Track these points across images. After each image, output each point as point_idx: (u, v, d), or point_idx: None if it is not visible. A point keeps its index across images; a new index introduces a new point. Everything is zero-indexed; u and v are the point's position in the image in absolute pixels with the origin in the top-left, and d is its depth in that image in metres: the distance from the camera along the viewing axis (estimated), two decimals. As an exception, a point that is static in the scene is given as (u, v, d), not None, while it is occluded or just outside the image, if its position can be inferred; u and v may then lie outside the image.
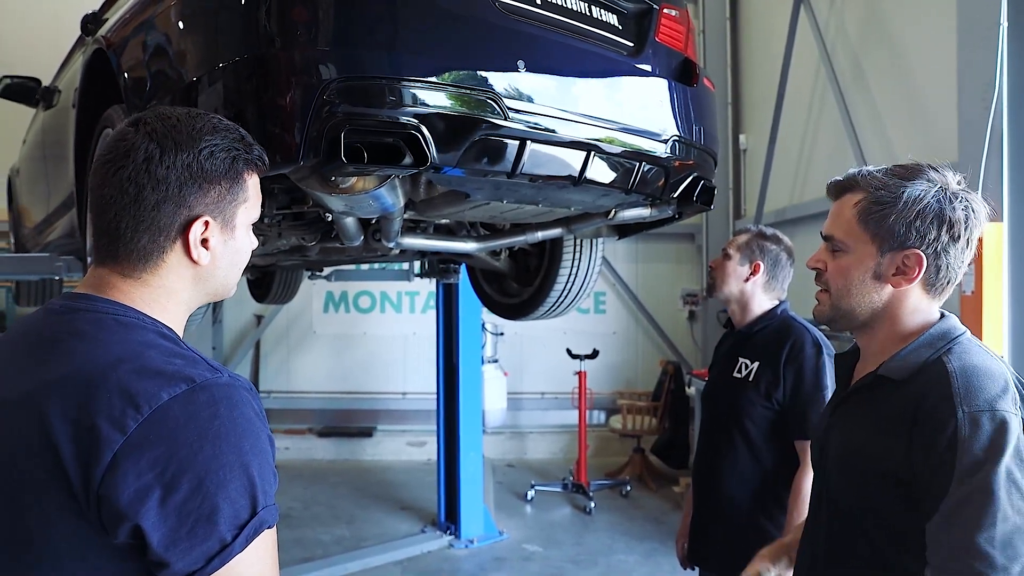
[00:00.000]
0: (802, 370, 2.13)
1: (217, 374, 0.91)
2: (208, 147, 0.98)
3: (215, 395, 0.88)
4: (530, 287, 3.26)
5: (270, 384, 7.57)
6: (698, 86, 2.34)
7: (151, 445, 0.83)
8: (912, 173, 1.28)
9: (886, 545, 1.25)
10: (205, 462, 0.84)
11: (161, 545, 0.82)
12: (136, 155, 0.95)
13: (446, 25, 1.73)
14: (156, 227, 0.96)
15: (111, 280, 0.98)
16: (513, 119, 1.75)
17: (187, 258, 0.99)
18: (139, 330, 0.94)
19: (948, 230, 1.24)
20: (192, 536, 0.83)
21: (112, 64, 2.07)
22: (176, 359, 0.91)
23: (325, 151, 1.57)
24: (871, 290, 1.30)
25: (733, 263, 2.31)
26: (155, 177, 0.95)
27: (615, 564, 4.72)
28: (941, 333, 1.28)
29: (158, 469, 0.83)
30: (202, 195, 0.98)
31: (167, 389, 0.86)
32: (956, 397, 1.15)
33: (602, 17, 2.10)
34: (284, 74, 1.60)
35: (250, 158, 1.03)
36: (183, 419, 0.85)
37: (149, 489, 0.82)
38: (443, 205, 2.19)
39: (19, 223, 4.51)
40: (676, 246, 7.62)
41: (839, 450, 1.36)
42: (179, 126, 0.98)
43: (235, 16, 1.69)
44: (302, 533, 5.28)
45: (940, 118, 4.06)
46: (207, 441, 0.85)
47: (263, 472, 0.89)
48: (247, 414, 0.90)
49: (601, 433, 7.29)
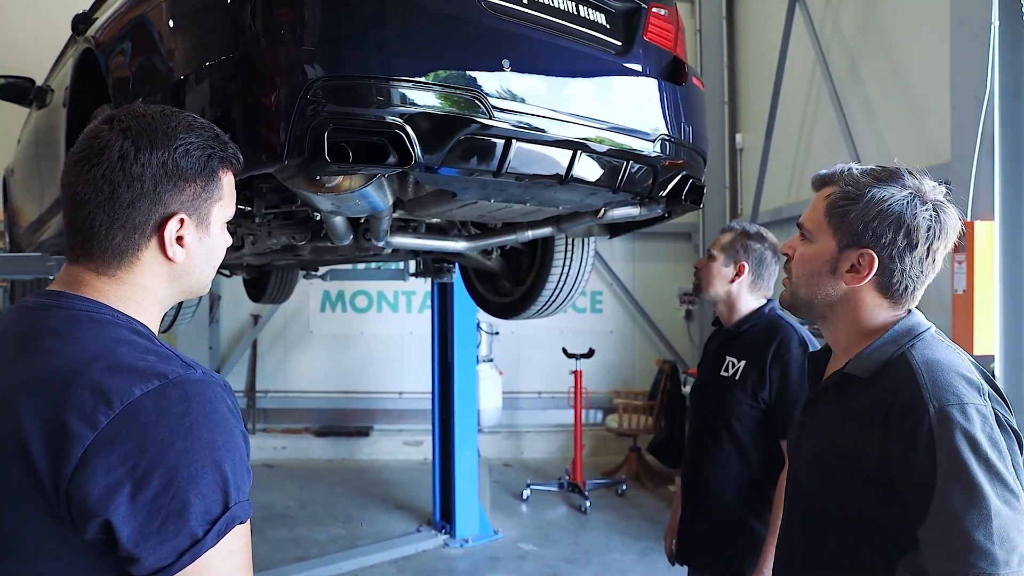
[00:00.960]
0: (788, 370, 2.14)
1: (190, 370, 0.91)
2: (183, 145, 0.98)
3: (188, 391, 0.88)
4: (522, 286, 3.27)
5: (267, 384, 7.58)
6: (687, 85, 2.33)
7: (122, 441, 0.83)
8: (888, 175, 1.29)
9: (859, 541, 1.25)
10: (176, 457, 0.84)
11: (131, 540, 0.82)
12: (111, 153, 0.95)
13: (431, 24, 1.74)
14: (131, 225, 0.96)
15: (85, 277, 0.98)
16: (498, 118, 1.76)
17: (162, 256, 0.99)
18: (113, 327, 0.94)
19: (906, 235, 1.24)
20: (163, 531, 0.83)
21: (100, 64, 2.08)
22: (149, 355, 0.91)
23: (309, 150, 1.57)
24: (826, 283, 1.32)
25: (718, 264, 2.31)
26: (130, 175, 0.95)
27: (610, 563, 4.73)
28: (905, 329, 1.28)
29: (129, 465, 0.83)
30: (177, 193, 0.98)
31: (139, 385, 0.86)
32: (925, 393, 1.16)
33: (590, 16, 2.10)
34: (269, 73, 1.61)
35: (225, 156, 1.03)
36: (155, 415, 0.85)
37: (119, 485, 0.82)
38: (431, 204, 2.19)
39: (14, 223, 4.52)
40: (673, 245, 7.63)
41: (811, 449, 1.37)
42: (154, 124, 0.97)
43: (221, 15, 1.70)
44: (298, 532, 5.28)
45: (934, 117, 4.07)
46: (179, 437, 0.85)
47: (236, 468, 0.89)
48: (220, 410, 0.90)
49: (598, 432, 7.29)
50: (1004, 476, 1.11)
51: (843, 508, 1.27)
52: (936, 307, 4.15)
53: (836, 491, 1.28)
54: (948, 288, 3.36)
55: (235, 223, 2.42)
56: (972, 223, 3.24)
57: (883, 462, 1.19)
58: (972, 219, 3.27)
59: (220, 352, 7.57)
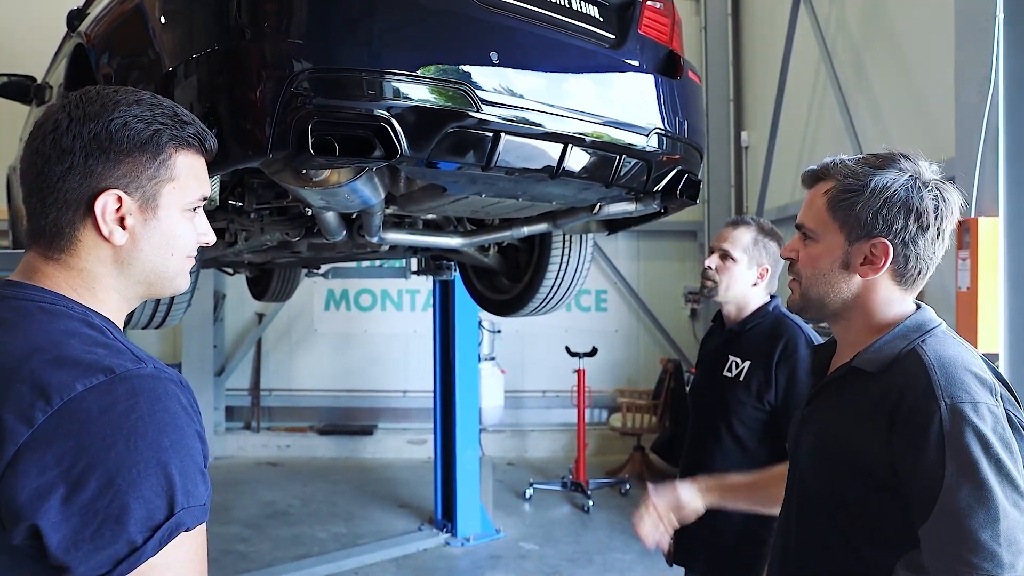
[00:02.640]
0: (795, 371, 2.06)
1: (140, 365, 0.85)
2: (122, 117, 0.92)
3: (135, 387, 0.83)
4: (520, 283, 3.26)
5: (271, 382, 7.59)
6: (683, 79, 2.31)
7: (59, 439, 0.78)
8: (883, 162, 1.26)
9: (858, 537, 1.23)
10: (117, 458, 0.79)
11: (61, 547, 0.77)
12: (46, 127, 0.92)
13: (418, 17, 1.72)
14: (63, 201, 0.91)
15: (37, 264, 0.94)
16: (486, 112, 1.74)
17: (101, 237, 0.93)
18: (63, 319, 0.89)
19: (916, 219, 1.22)
20: (98, 538, 0.77)
21: (92, 60, 2.07)
22: (98, 348, 0.86)
23: (294, 143, 1.56)
24: (840, 279, 1.28)
25: (740, 267, 2.17)
26: (60, 147, 0.90)
27: (611, 562, 4.70)
28: (916, 324, 1.26)
29: (64, 465, 0.78)
30: (111, 167, 0.92)
31: (83, 380, 0.81)
32: (937, 390, 1.13)
33: (582, 9, 2.08)
34: (253, 66, 1.60)
35: (179, 135, 0.96)
36: (96, 412, 0.80)
37: (52, 486, 0.77)
38: (423, 199, 2.18)
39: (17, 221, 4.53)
40: (678, 243, 7.59)
41: (812, 442, 1.34)
42: (96, 98, 0.93)
43: (206, 8, 1.69)
44: (299, 530, 5.28)
45: (938, 112, 4.02)
46: (121, 436, 0.80)
47: (185, 471, 0.83)
48: (171, 408, 0.84)
49: (601, 431, 7.27)
50: (1014, 478, 1.08)
51: (843, 503, 1.25)
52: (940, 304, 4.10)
53: (837, 485, 1.26)
54: (952, 285, 3.32)
55: (228, 219, 2.41)
56: (976, 219, 3.20)
57: (888, 458, 1.17)
58: (976, 215, 3.23)
59: (224, 350, 7.59)
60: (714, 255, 2.22)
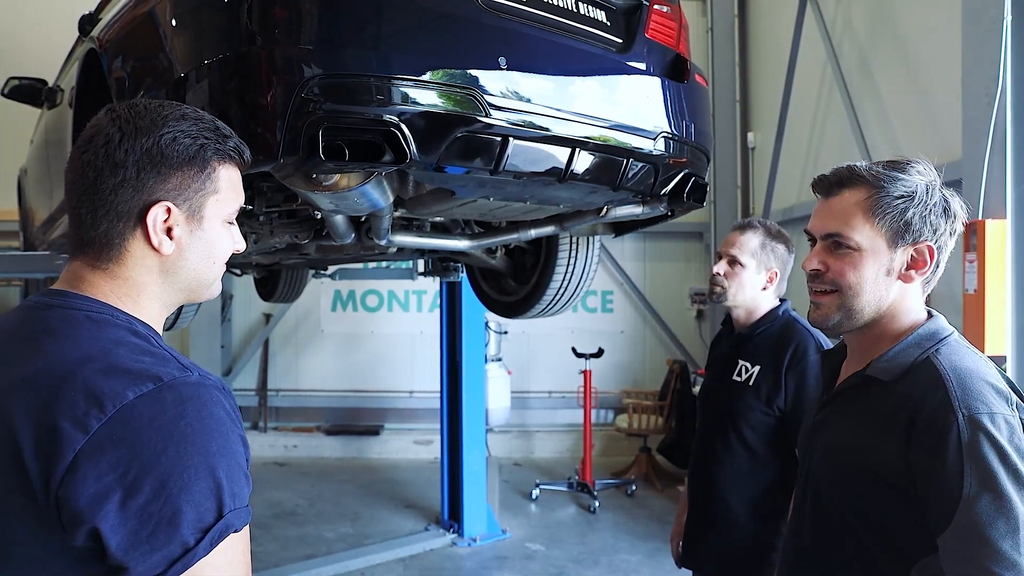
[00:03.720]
0: (805, 377, 2.05)
1: (186, 372, 0.89)
2: (171, 132, 0.96)
3: (183, 394, 0.86)
4: (527, 285, 3.26)
5: (279, 382, 7.62)
6: (690, 82, 2.32)
7: (114, 446, 0.81)
8: (906, 167, 1.26)
9: (872, 544, 1.24)
10: (169, 463, 0.82)
11: (120, 548, 0.80)
12: (98, 139, 0.94)
13: (427, 23, 1.74)
14: (114, 212, 0.94)
15: (82, 273, 0.97)
16: (495, 116, 1.75)
17: (149, 247, 0.97)
18: (111, 327, 0.92)
19: (950, 223, 1.25)
20: (153, 539, 0.80)
21: (104, 65, 2.10)
22: (145, 357, 0.89)
23: (304, 148, 1.58)
24: (882, 287, 1.27)
25: (749, 272, 2.16)
26: (113, 160, 0.93)
27: (617, 563, 4.71)
28: (929, 333, 1.26)
29: (120, 470, 0.81)
30: (162, 180, 0.95)
31: (133, 388, 0.84)
32: (954, 401, 1.13)
33: (590, 14, 2.09)
34: (264, 72, 1.61)
35: (222, 149, 1.00)
36: (148, 419, 0.83)
37: (109, 491, 0.80)
38: (431, 202, 2.19)
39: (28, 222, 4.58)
40: (684, 245, 7.59)
41: (825, 449, 1.34)
42: (145, 112, 0.96)
43: (218, 15, 1.70)
44: (306, 530, 5.31)
45: (945, 114, 4.02)
46: (172, 442, 0.83)
47: (231, 474, 0.86)
48: (217, 414, 0.88)
49: (608, 432, 7.27)
50: None
51: (858, 511, 1.25)
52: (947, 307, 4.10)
53: (851, 493, 1.26)
54: (959, 288, 3.32)
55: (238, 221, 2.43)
56: (983, 222, 3.19)
57: (904, 467, 1.17)
58: (983, 217, 3.23)
59: (232, 351, 7.63)
60: (722, 261, 2.20)
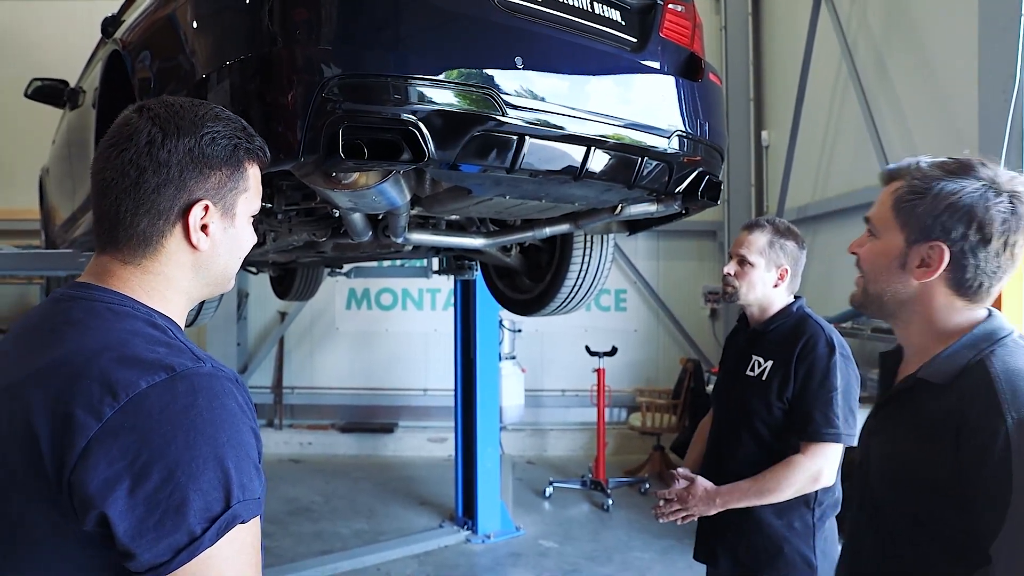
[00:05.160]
0: (812, 369, 2.07)
1: (199, 363, 0.90)
2: (210, 133, 0.99)
3: (195, 384, 0.87)
4: (541, 283, 3.28)
5: (294, 380, 7.68)
6: (704, 81, 2.33)
7: (125, 433, 0.83)
8: (960, 168, 1.23)
9: (931, 550, 1.21)
10: (177, 452, 0.83)
11: (127, 535, 0.81)
12: (139, 138, 0.96)
13: (445, 23, 1.76)
14: (156, 210, 0.97)
15: (111, 268, 0.99)
16: (511, 115, 1.78)
17: (187, 243, 1.00)
18: (129, 319, 0.94)
19: (978, 229, 1.18)
20: (160, 527, 0.82)
21: (127, 65, 2.14)
22: (160, 347, 0.90)
23: (325, 147, 1.60)
24: (896, 279, 1.27)
25: (759, 271, 2.20)
26: (156, 160, 0.95)
27: (631, 561, 4.72)
28: (985, 334, 1.22)
29: (130, 457, 0.82)
30: (203, 180, 0.98)
31: (146, 377, 0.86)
32: (1004, 404, 1.11)
33: (604, 13, 2.11)
34: (285, 72, 1.64)
35: (251, 148, 1.04)
36: (159, 408, 0.85)
37: (119, 477, 0.82)
38: (448, 201, 2.22)
39: (49, 221, 4.65)
40: (697, 243, 7.58)
41: (880, 454, 1.33)
42: (182, 112, 0.99)
43: (240, 16, 1.74)
44: (322, 526, 5.36)
45: (961, 111, 4.00)
46: (181, 431, 0.84)
47: (240, 465, 0.87)
48: (228, 405, 0.89)
49: (621, 431, 7.28)
50: None
51: (915, 517, 1.23)
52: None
53: (908, 499, 1.24)
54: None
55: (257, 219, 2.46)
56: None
57: (956, 473, 1.14)
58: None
59: (248, 349, 7.70)
60: (732, 261, 2.25)
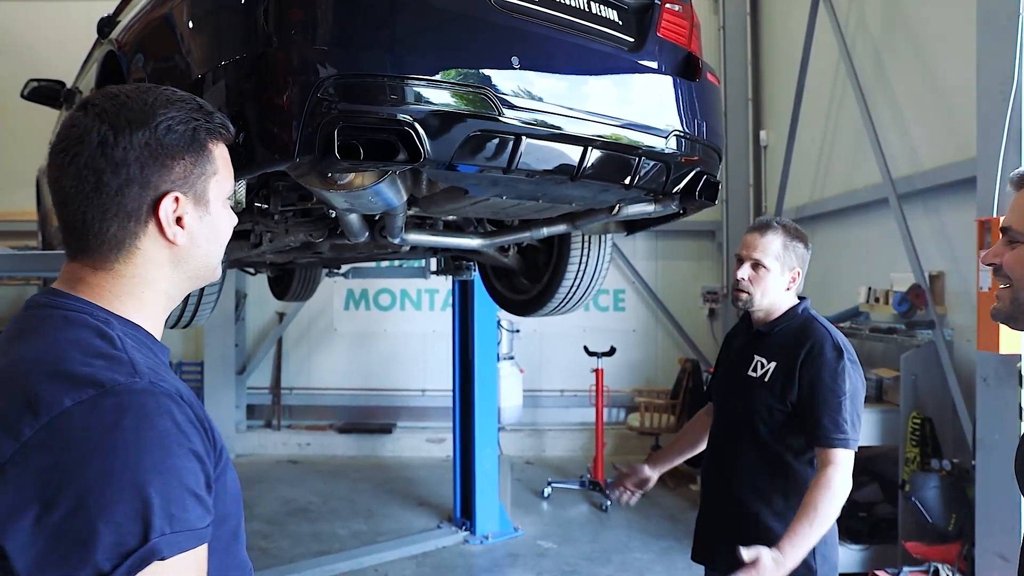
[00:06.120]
0: (820, 374, 2.04)
1: (134, 379, 0.80)
2: (165, 121, 0.91)
3: (123, 402, 0.78)
4: (539, 283, 3.28)
5: (292, 381, 7.67)
6: (702, 81, 2.32)
7: (40, 455, 0.75)
8: None
9: None
10: (91, 479, 0.74)
11: (27, 571, 0.73)
12: (90, 140, 0.88)
13: (441, 23, 1.75)
14: (124, 213, 0.90)
15: (83, 275, 0.92)
16: (508, 115, 1.77)
17: (163, 240, 0.93)
18: (77, 328, 0.86)
19: None
20: (65, 563, 0.72)
21: (123, 66, 2.13)
22: (98, 360, 0.81)
23: (320, 148, 1.59)
24: None
25: (774, 275, 2.15)
26: (113, 160, 0.88)
27: (630, 562, 4.72)
28: None
29: (41, 482, 0.74)
30: (166, 172, 0.91)
31: (71, 394, 0.77)
32: None
33: (602, 13, 2.10)
34: (280, 72, 1.63)
35: (212, 127, 0.96)
36: (80, 428, 0.76)
37: (26, 505, 0.73)
38: (445, 201, 2.21)
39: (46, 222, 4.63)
40: (696, 243, 7.58)
41: None
42: (130, 103, 0.91)
43: (235, 16, 1.73)
44: (320, 527, 5.35)
45: (960, 111, 4.00)
46: (98, 454, 0.75)
47: (168, 494, 0.76)
48: (159, 425, 0.79)
49: (619, 431, 7.27)
50: None
51: None
52: (962, 305, 4.08)
53: None
54: (973, 286, 3.30)
55: (253, 221, 2.46)
56: (998, 219, 3.17)
57: None
58: (998, 215, 3.21)
59: (246, 349, 7.69)
60: (745, 265, 2.17)
